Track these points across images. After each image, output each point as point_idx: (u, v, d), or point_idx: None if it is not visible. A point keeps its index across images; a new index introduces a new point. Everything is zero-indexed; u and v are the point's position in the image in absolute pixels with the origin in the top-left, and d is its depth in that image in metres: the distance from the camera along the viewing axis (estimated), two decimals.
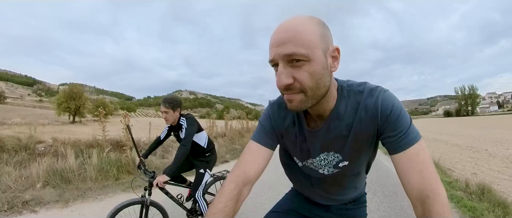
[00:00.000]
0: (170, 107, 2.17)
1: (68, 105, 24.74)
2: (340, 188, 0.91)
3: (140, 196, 1.97)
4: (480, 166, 6.01)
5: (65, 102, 24.75)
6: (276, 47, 0.58)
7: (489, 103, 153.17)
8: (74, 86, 25.99)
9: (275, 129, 0.82)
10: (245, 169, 0.75)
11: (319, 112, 0.71)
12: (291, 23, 0.58)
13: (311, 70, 0.57)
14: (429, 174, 0.59)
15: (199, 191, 2.31)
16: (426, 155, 0.62)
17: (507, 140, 11.04)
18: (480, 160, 6.81)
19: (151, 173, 2.04)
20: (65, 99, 24.75)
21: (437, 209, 0.55)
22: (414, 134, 0.63)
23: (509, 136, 12.58)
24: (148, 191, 1.98)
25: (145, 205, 1.95)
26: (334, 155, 0.78)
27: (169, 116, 2.19)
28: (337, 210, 0.98)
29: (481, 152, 8.30)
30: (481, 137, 13.56)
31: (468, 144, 10.41)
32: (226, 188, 0.70)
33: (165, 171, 2.01)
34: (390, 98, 0.66)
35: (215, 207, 0.66)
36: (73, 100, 24.97)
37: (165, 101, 2.18)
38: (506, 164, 6.05)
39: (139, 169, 2.17)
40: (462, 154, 8.01)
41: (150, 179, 1.99)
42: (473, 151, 8.60)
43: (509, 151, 8.05)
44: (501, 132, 15.94)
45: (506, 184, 4.29)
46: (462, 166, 6.03)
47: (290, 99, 0.62)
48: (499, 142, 10.74)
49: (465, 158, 7.15)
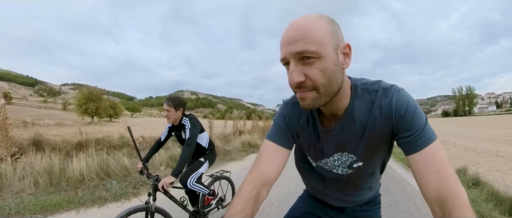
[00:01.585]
0: (172, 106, 2.18)
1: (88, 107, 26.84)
2: (354, 189, 0.89)
3: (144, 202, 1.86)
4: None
5: (85, 104, 26.86)
6: (287, 46, 0.58)
7: (488, 104, 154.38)
8: (93, 89, 28.14)
9: (290, 128, 0.81)
10: (263, 170, 0.74)
11: (332, 111, 0.70)
12: (301, 22, 0.58)
13: (322, 67, 0.57)
14: (448, 175, 0.56)
15: (192, 178, 2.25)
16: (443, 155, 0.60)
17: (479, 137, 12.87)
18: (445, 149, 8.91)
19: (154, 176, 1.95)
20: (84, 101, 26.86)
21: (458, 212, 0.52)
22: (430, 134, 0.62)
23: (485, 134, 14.39)
24: (153, 196, 1.89)
25: (150, 211, 1.85)
26: (348, 155, 0.76)
27: (171, 115, 2.19)
28: (352, 211, 0.97)
29: (450, 143, 10.21)
30: (461, 134, 15.43)
31: (443, 139, 12.19)
32: (245, 190, 0.69)
33: (172, 173, 1.94)
34: (405, 98, 0.64)
35: (234, 208, 0.65)
36: (93, 102, 27.08)
37: (169, 100, 2.19)
38: (462, 151, 7.96)
39: (142, 174, 2.10)
40: None
41: (154, 182, 1.90)
42: (443, 143, 10.67)
43: (472, 144, 9.97)
44: (482, 130, 17.80)
45: (455, 162, 6.01)
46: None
47: (302, 97, 0.62)
48: (472, 138, 12.56)
49: None
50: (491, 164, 5.86)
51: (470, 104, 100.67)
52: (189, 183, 2.21)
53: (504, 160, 6.25)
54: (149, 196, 1.89)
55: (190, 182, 2.21)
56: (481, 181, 3.91)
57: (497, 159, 6.51)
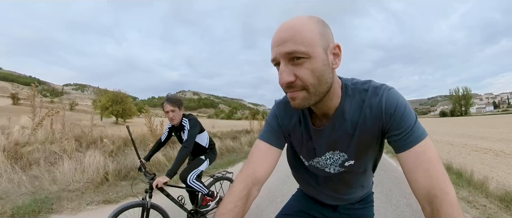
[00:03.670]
0: (176, 105, 2.17)
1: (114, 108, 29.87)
2: (347, 187, 0.90)
3: (141, 199, 1.93)
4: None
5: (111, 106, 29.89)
6: (277, 47, 0.59)
7: (486, 104, 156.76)
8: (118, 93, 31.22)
9: (282, 128, 0.82)
10: (254, 169, 0.75)
11: (323, 110, 0.72)
12: (291, 23, 0.59)
13: (311, 67, 0.58)
14: (437, 173, 0.58)
15: (192, 175, 2.27)
16: (433, 153, 0.61)
17: (454, 133, 15.52)
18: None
19: (151, 175, 2.00)
20: (111, 104, 29.89)
21: (446, 209, 0.54)
22: (419, 132, 0.63)
23: (459, 131, 17.17)
24: (149, 193, 1.93)
25: (145, 207, 1.90)
26: (340, 154, 0.78)
27: (176, 115, 2.18)
28: (345, 210, 0.98)
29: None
30: (440, 131, 18.19)
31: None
32: (236, 188, 0.70)
33: (166, 173, 1.95)
34: (395, 96, 0.66)
35: (224, 207, 0.66)
36: (119, 104, 30.16)
37: (171, 100, 2.18)
38: (439, 146, 10.54)
39: (140, 171, 2.17)
40: None
41: (150, 180, 1.95)
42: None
43: (442, 137, 12.60)
44: (469, 128, 20.07)
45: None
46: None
47: (293, 97, 0.63)
48: (448, 134, 15.15)
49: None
50: (442, 148, 8.72)
51: (466, 105, 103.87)
52: (189, 179, 2.25)
53: (452, 146, 9.13)
54: (146, 193, 1.95)
55: (190, 178, 2.25)
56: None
57: (447, 146, 9.40)
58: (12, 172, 3.96)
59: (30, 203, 3.10)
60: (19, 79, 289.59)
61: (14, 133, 5.10)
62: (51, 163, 4.39)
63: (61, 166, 4.23)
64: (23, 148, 4.49)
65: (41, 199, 3.34)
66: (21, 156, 4.30)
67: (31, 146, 4.57)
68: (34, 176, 4.05)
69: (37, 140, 4.87)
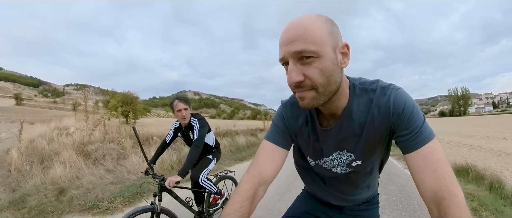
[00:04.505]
0: (187, 104, 2.16)
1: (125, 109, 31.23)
2: (353, 188, 0.90)
3: (150, 203, 1.84)
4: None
5: (122, 107, 31.20)
6: (286, 46, 0.59)
7: (485, 104, 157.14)
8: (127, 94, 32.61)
9: (288, 128, 0.82)
10: (261, 169, 0.75)
11: (331, 110, 0.71)
12: (299, 22, 0.58)
13: (321, 66, 0.58)
14: (444, 174, 0.57)
15: (203, 175, 2.28)
16: (441, 154, 0.60)
17: (445, 132, 16.35)
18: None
19: (160, 176, 1.94)
20: (121, 104, 31.18)
21: (454, 212, 0.53)
22: (427, 133, 0.62)
23: (451, 130, 18.00)
24: (158, 196, 1.87)
25: (155, 212, 1.82)
26: (347, 154, 0.77)
27: (187, 113, 2.16)
28: (350, 211, 0.98)
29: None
30: (440, 130, 18.70)
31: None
32: (242, 188, 0.70)
33: (178, 172, 1.94)
34: (403, 97, 0.65)
35: (231, 207, 0.66)
36: (129, 104, 31.50)
37: (182, 99, 2.17)
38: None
39: (147, 174, 2.10)
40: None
41: (160, 182, 1.89)
42: None
43: (440, 137, 14.06)
44: (462, 128, 20.86)
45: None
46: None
47: (301, 97, 0.63)
48: (447, 133, 15.57)
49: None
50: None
51: (465, 105, 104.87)
52: (201, 179, 2.25)
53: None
54: (155, 196, 1.88)
55: (201, 178, 2.26)
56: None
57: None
58: (86, 167, 4.52)
59: (124, 189, 3.66)
60: (20, 79, 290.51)
61: (74, 134, 5.96)
62: (114, 158, 5.15)
63: (130, 159, 5.09)
64: (86, 147, 5.14)
65: (129, 186, 3.84)
66: (89, 154, 4.99)
67: (92, 145, 5.33)
68: (107, 170, 4.74)
69: (97, 139, 5.66)
